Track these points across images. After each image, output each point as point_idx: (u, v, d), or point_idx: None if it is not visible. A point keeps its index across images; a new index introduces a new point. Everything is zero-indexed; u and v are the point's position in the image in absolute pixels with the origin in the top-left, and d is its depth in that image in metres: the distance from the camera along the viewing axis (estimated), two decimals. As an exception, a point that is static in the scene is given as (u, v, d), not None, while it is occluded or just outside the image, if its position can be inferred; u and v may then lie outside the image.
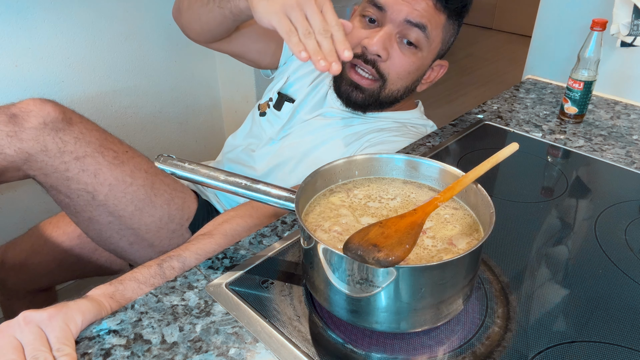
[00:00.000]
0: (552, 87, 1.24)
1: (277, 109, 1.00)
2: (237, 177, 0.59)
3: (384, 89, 0.90)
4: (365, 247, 0.45)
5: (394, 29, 0.85)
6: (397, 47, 0.87)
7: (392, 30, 0.85)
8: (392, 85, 0.90)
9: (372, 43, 0.84)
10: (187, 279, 0.61)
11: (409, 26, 0.85)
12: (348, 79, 0.89)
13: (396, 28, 0.85)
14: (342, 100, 0.93)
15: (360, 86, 0.89)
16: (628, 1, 1.04)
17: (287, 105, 0.99)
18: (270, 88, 1.05)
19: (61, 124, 0.79)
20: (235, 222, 0.74)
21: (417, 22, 0.84)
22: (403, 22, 0.84)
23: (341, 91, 0.91)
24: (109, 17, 1.46)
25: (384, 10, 0.85)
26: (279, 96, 1.01)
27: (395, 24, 0.85)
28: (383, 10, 0.85)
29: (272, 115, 1.01)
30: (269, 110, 1.02)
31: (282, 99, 1.00)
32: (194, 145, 1.86)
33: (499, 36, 4.39)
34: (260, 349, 0.52)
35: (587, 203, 0.79)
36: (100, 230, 0.87)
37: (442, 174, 0.61)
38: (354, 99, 0.91)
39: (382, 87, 0.89)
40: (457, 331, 0.54)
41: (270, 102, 1.02)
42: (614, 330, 0.55)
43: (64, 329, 0.51)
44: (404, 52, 0.87)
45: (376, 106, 0.93)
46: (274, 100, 1.01)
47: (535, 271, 0.64)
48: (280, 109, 1.00)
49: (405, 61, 0.88)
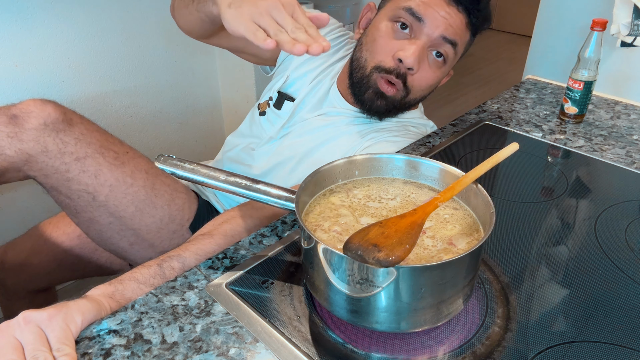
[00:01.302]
0: (552, 87, 1.24)
1: (277, 108, 1.00)
2: (237, 177, 0.59)
3: (404, 99, 0.90)
4: (365, 247, 0.45)
5: (427, 42, 0.85)
6: (426, 61, 0.87)
7: (426, 44, 0.85)
8: (413, 95, 0.91)
9: (409, 56, 0.83)
10: (187, 279, 0.61)
11: (442, 41, 0.85)
12: (376, 87, 0.88)
13: (430, 42, 0.85)
14: (364, 107, 0.92)
15: (385, 95, 0.89)
16: (628, 1, 1.04)
17: (287, 104, 0.99)
18: (270, 87, 1.05)
19: (62, 124, 0.79)
20: (235, 222, 0.74)
21: (451, 39, 0.85)
22: (438, 37, 0.84)
23: (364, 99, 0.90)
24: (109, 17, 1.46)
25: (422, 21, 0.84)
26: (279, 95, 1.01)
27: (430, 38, 0.85)
28: (421, 21, 0.84)
29: (272, 115, 1.01)
30: (269, 109, 1.02)
31: (282, 97, 1.00)
32: (194, 145, 1.86)
33: (499, 36, 4.39)
34: (260, 349, 0.52)
35: (587, 203, 0.79)
36: (100, 230, 0.87)
37: (442, 174, 0.61)
38: (376, 107, 0.91)
39: (404, 97, 0.90)
40: (457, 331, 0.54)
41: (270, 101, 1.02)
42: (614, 330, 0.55)
43: (64, 328, 0.51)
44: (431, 65, 0.88)
45: (394, 113, 0.94)
46: (274, 100, 1.01)
47: (535, 271, 0.64)
48: (280, 108, 1.00)
49: (430, 75, 0.89)
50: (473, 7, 0.85)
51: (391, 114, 0.94)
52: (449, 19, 0.84)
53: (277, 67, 1.06)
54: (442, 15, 0.83)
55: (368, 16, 0.95)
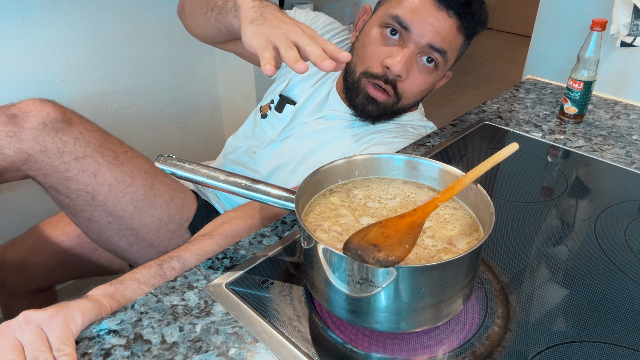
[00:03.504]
0: (552, 87, 1.24)
1: (278, 111, 1.00)
2: (237, 177, 0.59)
3: (396, 104, 0.91)
4: (365, 247, 0.45)
5: (415, 50, 0.85)
6: (416, 67, 0.87)
7: (415, 51, 0.85)
8: (404, 101, 0.91)
9: (395, 64, 0.84)
10: (187, 279, 0.61)
11: (430, 50, 0.85)
12: (366, 93, 0.89)
13: (418, 49, 0.85)
14: (356, 111, 0.93)
15: (376, 100, 0.89)
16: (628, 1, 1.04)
17: (288, 107, 0.99)
18: (272, 90, 1.05)
19: (61, 124, 0.79)
20: (235, 223, 0.74)
21: (438, 47, 0.85)
22: (425, 46, 0.85)
23: (356, 103, 0.91)
24: (109, 17, 1.46)
25: (408, 30, 0.84)
26: (281, 98, 1.01)
27: (417, 46, 0.85)
28: (408, 30, 0.84)
29: (273, 117, 1.01)
30: (270, 112, 1.02)
31: (283, 101, 1.00)
32: (194, 145, 1.86)
33: (499, 36, 4.39)
34: (260, 349, 0.52)
35: (587, 203, 0.79)
36: (99, 230, 0.87)
37: (442, 174, 0.61)
38: (368, 112, 0.91)
39: (396, 103, 0.90)
40: (457, 331, 0.54)
41: (272, 104, 1.02)
42: (614, 330, 0.55)
43: (64, 328, 0.51)
44: (421, 72, 0.88)
45: (387, 118, 0.95)
46: (275, 103, 1.01)
47: (535, 271, 0.64)
48: (281, 111, 1.00)
49: (421, 81, 0.89)
50: (464, 11, 0.84)
51: (384, 119, 0.95)
52: (437, 26, 0.83)
53: (280, 70, 1.06)
54: (429, 22, 0.83)
55: (364, 19, 0.95)
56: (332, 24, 1.06)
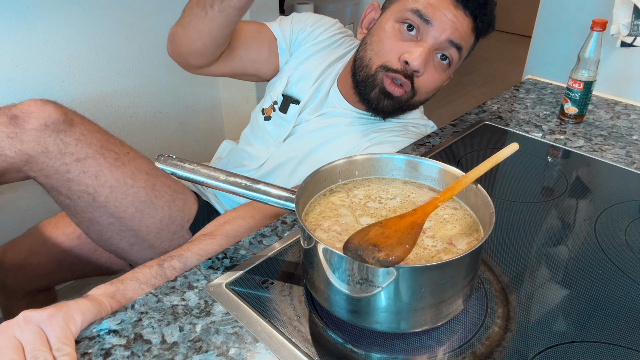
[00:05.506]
0: (552, 87, 1.24)
1: (283, 112, 1.00)
2: (237, 177, 0.59)
3: (410, 99, 0.91)
4: (365, 247, 0.45)
5: (434, 45, 0.85)
6: (432, 63, 0.87)
7: (433, 46, 0.85)
8: (418, 97, 0.91)
9: (415, 58, 0.83)
10: (187, 279, 0.61)
11: (449, 45, 0.85)
12: (382, 87, 0.88)
13: (436, 45, 0.85)
14: (369, 106, 0.91)
15: (392, 95, 0.88)
16: (628, 1, 1.04)
17: (293, 106, 0.99)
18: (272, 90, 1.03)
19: (62, 125, 0.79)
20: (236, 223, 0.74)
21: (457, 43, 0.85)
22: (445, 40, 0.85)
23: (370, 97, 0.90)
24: (109, 17, 1.46)
25: (429, 24, 0.84)
26: (284, 98, 1.00)
27: (437, 41, 0.85)
28: (429, 24, 0.84)
29: (278, 119, 1.00)
30: (274, 113, 1.01)
31: (287, 100, 1.00)
32: (194, 145, 1.86)
33: (499, 36, 4.38)
34: (260, 349, 0.52)
35: (587, 203, 0.79)
36: (100, 231, 0.87)
37: (442, 174, 0.61)
38: (382, 107, 0.90)
39: (410, 98, 0.90)
40: (457, 331, 0.54)
41: (276, 105, 1.01)
42: (614, 330, 0.55)
43: (64, 328, 0.51)
44: (436, 68, 0.88)
45: (399, 113, 0.94)
46: (279, 103, 1.01)
47: (535, 271, 0.64)
48: (286, 111, 0.99)
49: (436, 77, 0.89)
50: (480, 11, 0.85)
51: (396, 114, 0.94)
52: (456, 23, 0.84)
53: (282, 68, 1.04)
54: (449, 18, 0.83)
55: (372, 16, 0.94)
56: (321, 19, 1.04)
